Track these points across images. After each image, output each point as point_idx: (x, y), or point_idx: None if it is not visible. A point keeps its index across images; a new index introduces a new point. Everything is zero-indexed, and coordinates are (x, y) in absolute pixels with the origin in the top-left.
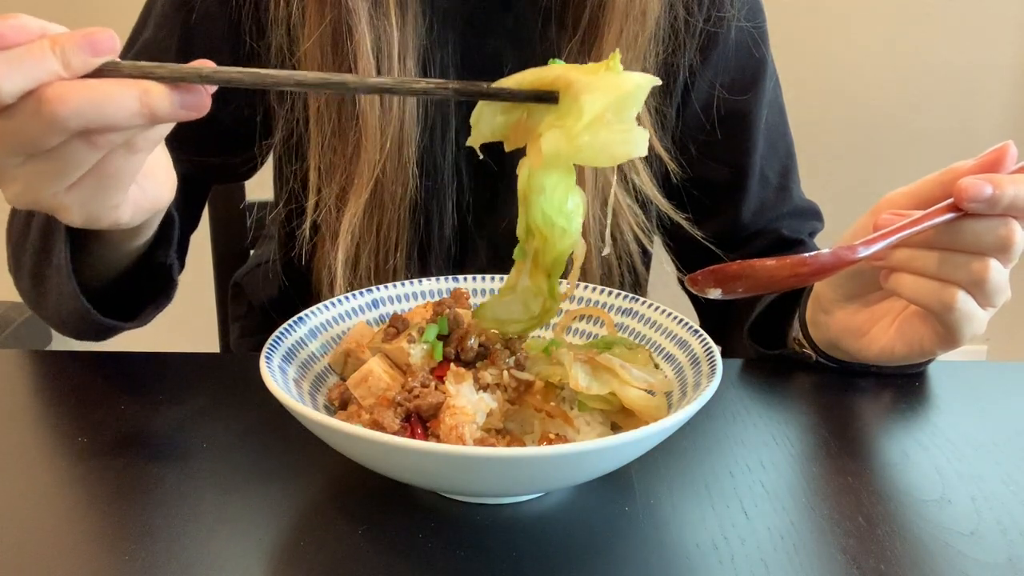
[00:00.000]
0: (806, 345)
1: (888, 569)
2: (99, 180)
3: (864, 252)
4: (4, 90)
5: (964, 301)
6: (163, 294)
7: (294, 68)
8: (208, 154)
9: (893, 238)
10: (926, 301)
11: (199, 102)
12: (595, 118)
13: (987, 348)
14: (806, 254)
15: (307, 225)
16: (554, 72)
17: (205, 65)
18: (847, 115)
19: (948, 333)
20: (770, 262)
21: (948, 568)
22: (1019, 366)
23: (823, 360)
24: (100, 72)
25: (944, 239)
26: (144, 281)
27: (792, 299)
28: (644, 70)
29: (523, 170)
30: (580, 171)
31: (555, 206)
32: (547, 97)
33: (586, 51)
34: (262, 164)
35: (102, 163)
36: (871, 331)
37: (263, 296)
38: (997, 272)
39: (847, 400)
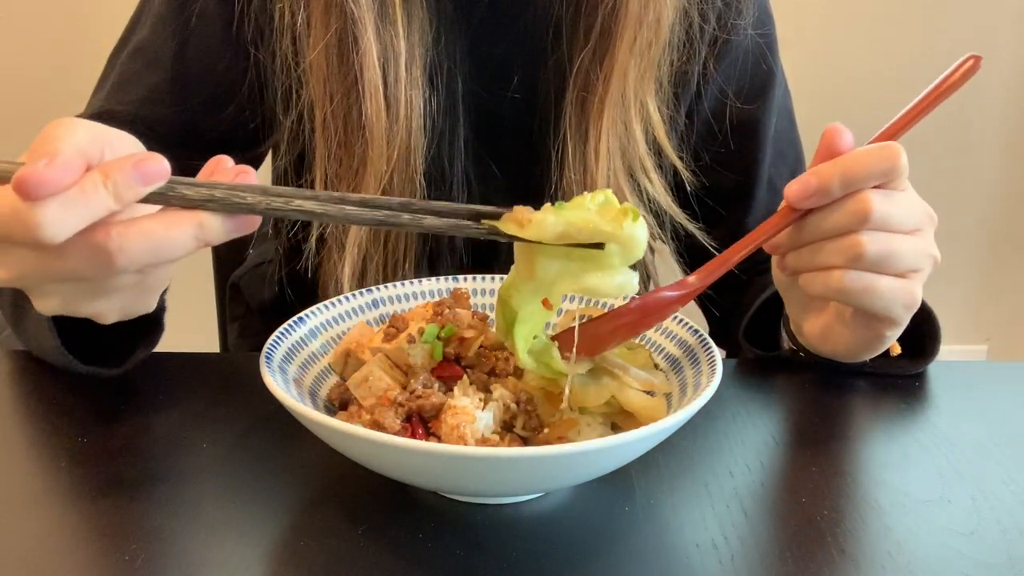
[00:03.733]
0: (799, 351)
1: (888, 569)
2: (142, 291)
3: (697, 283)
4: (59, 235)
5: (854, 278)
6: (148, 339)
7: (300, 77)
8: (201, 159)
9: (729, 260)
10: (819, 292)
11: (249, 224)
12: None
13: (987, 348)
14: (629, 303)
15: (313, 238)
16: (584, 221)
17: (257, 186)
18: (850, 118)
19: (870, 315)
20: (593, 320)
21: (948, 568)
22: (1019, 366)
23: (819, 360)
24: (158, 195)
25: (806, 234)
26: (131, 328)
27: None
28: (658, 78)
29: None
30: (592, 181)
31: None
32: (595, 246)
33: (598, 60)
34: (257, 168)
35: (147, 278)
36: (830, 334)
37: (261, 298)
38: (873, 242)
39: (847, 400)
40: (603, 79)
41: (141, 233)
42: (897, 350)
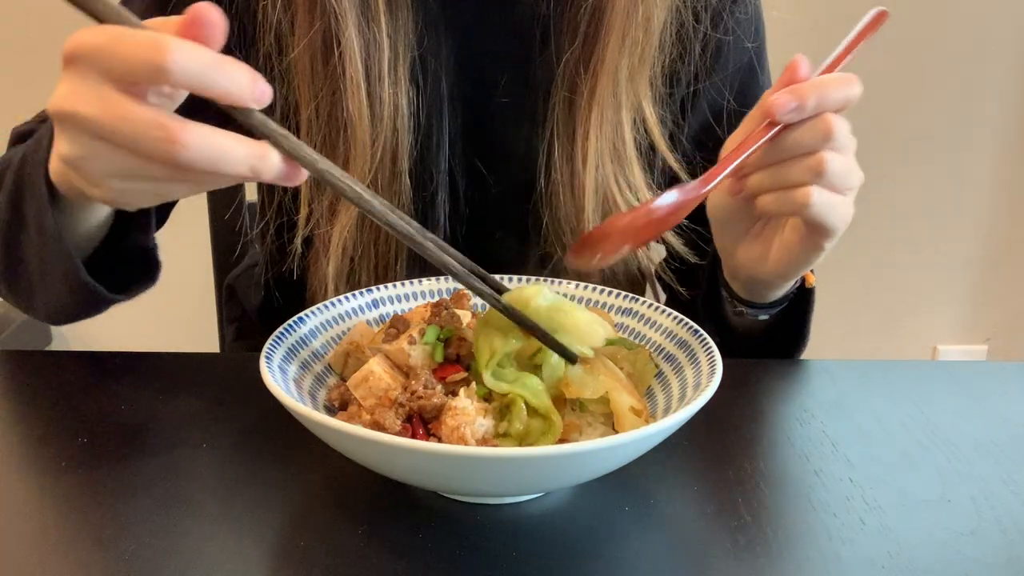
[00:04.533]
0: (737, 303)
1: (888, 569)
2: (156, 187)
3: (705, 188)
4: (178, 71)
5: (818, 194)
6: (148, 276)
7: (282, 75)
8: None
9: (729, 167)
10: (788, 209)
11: (295, 177)
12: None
13: (987, 348)
14: (653, 202)
15: (299, 239)
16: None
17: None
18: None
19: (820, 228)
20: (625, 217)
21: (948, 568)
22: (1019, 366)
23: (758, 310)
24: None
25: (776, 153)
26: (131, 267)
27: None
28: (651, 79)
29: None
30: (580, 183)
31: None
32: (569, 356)
33: (584, 60)
34: None
35: (176, 176)
36: (769, 255)
37: (252, 301)
38: (834, 160)
39: (847, 400)
40: (590, 79)
41: (212, 136)
42: (812, 280)
